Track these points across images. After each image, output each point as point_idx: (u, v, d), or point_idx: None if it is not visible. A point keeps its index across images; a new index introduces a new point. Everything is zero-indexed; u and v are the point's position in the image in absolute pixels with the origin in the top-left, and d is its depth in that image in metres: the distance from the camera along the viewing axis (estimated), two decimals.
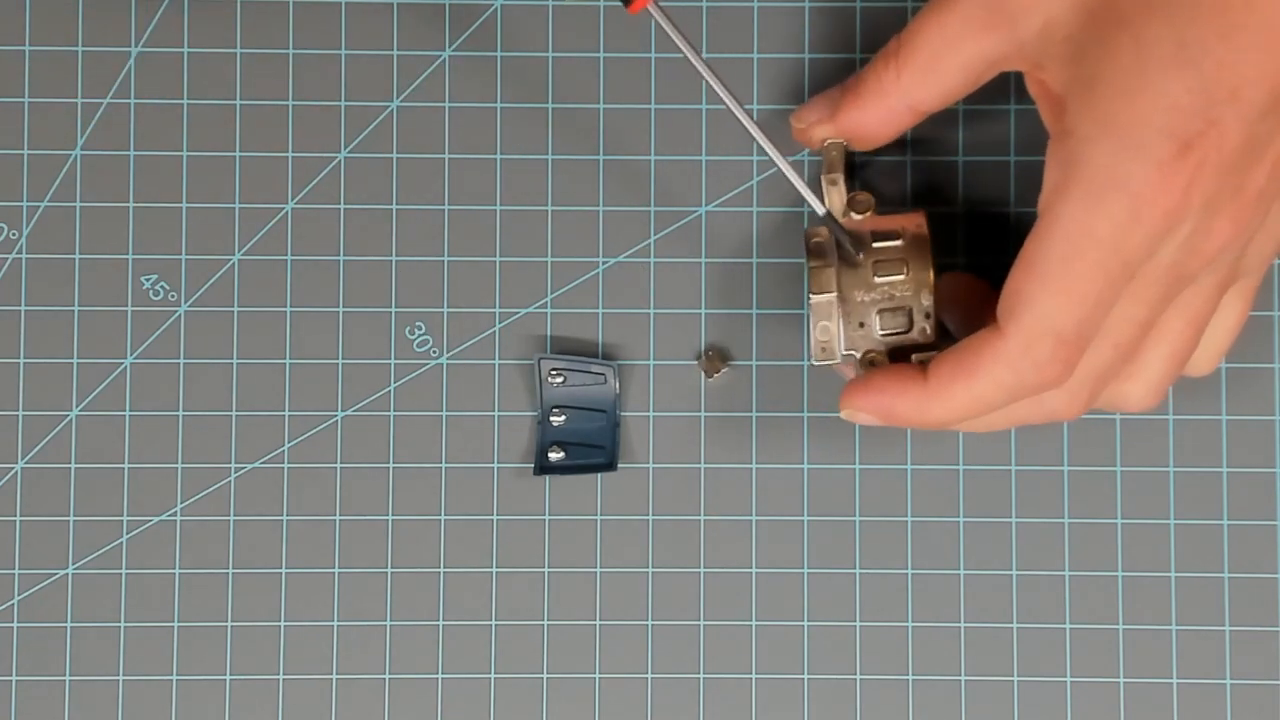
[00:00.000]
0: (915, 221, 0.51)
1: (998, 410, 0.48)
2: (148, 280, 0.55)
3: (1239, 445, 0.54)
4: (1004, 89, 0.55)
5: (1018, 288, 0.46)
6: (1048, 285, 0.45)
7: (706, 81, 0.48)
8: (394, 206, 0.55)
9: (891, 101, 0.50)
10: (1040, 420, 0.49)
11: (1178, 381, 0.54)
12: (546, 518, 0.54)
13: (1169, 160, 0.44)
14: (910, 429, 0.54)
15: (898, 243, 0.51)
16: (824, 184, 0.52)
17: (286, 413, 0.55)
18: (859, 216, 0.51)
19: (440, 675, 0.54)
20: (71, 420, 0.55)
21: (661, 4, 0.55)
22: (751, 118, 0.49)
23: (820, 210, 0.50)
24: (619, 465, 0.54)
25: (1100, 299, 0.45)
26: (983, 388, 0.47)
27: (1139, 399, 0.49)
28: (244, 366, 0.55)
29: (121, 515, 0.54)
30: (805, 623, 0.54)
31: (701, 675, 0.54)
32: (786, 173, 0.49)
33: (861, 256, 0.50)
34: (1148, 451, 0.54)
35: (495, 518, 0.54)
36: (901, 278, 0.50)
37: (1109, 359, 0.47)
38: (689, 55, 0.48)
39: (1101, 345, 0.47)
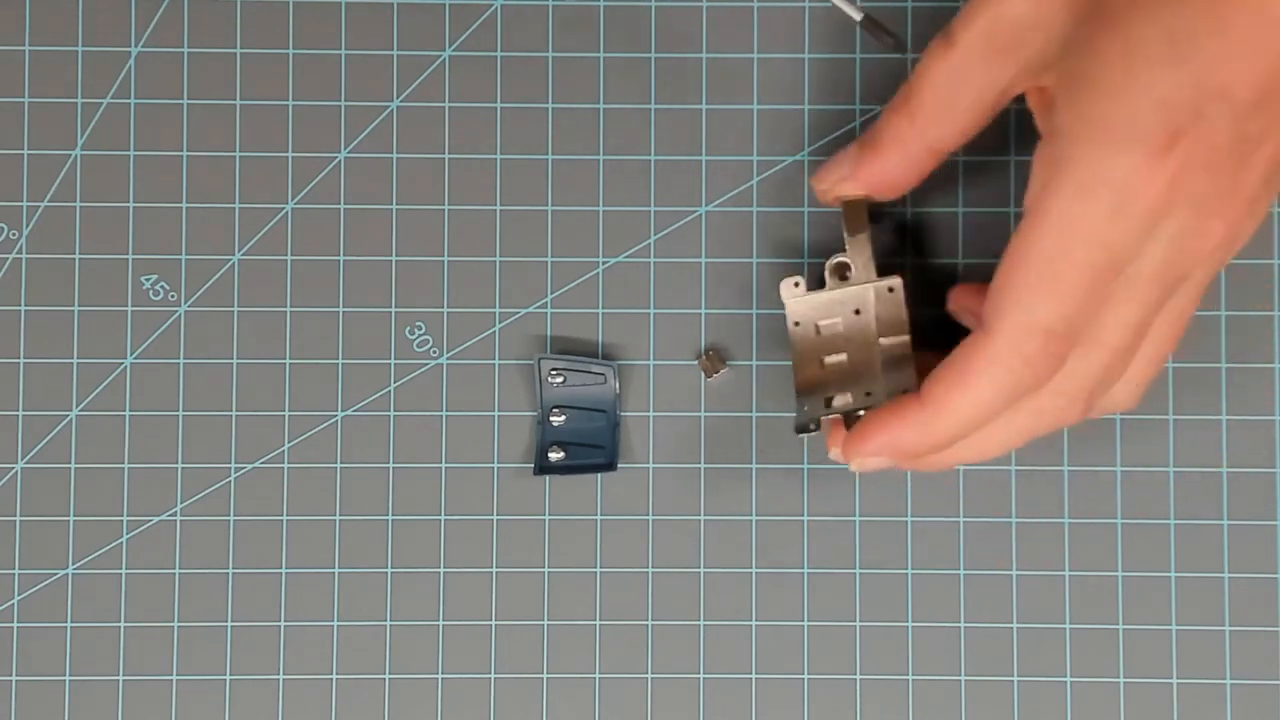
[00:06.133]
0: (882, 288, 0.52)
1: (1002, 419, 0.48)
2: (148, 280, 0.55)
3: (1239, 445, 0.54)
4: None
5: (1004, 286, 0.46)
6: (1034, 282, 0.45)
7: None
8: (394, 206, 0.55)
9: (912, 148, 0.49)
10: (1046, 430, 0.48)
11: (1178, 383, 0.54)
12: (546, 518, 0.54)
13: (1154, 154, 0.44)
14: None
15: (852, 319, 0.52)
16: (849, 245, 0.52)
17: (286, 413, 0.55)
18: (839, 282, 0.52)
19: (440, 675, 0.54)
20: (71, 420, 0.55)
21: (659, 4, 0.55)
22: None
23: (857, 17, 0.50)
24: (619, 465, 0.54)
25: (1088, 294, 0.45)
26: (980, 392, 0.46)
27: (1125, 398, 0.49)
28: (244, 366, 0.55)
29: (121, 515, 0.54)
30: (805, 623, 0.54)
31: (701, 675, 0.54)
32: None
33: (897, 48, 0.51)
34: (1148, 451, 0.54)
35: (495, 518, 0.54)
36: (843, 358, 0.52)
37: (1106, 363, 0.47)
38: None
39: (1099, 350, 0.46)
